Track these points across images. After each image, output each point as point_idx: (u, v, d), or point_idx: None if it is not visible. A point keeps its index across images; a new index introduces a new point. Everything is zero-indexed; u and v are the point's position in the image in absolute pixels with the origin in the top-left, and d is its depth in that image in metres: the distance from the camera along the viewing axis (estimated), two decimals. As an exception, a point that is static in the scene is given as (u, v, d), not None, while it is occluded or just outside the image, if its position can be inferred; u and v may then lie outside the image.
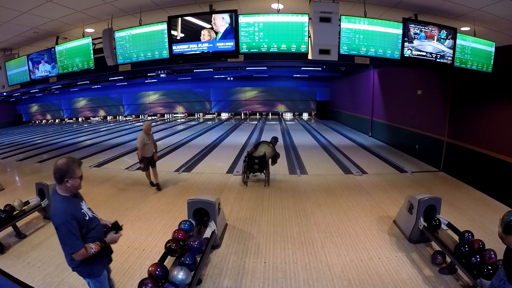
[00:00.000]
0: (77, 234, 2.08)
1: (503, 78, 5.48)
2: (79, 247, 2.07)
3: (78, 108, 25.52)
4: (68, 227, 2.04)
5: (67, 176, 2.11)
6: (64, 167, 2.11)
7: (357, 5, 4.72)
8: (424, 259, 3.62)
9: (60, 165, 2.11)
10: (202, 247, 3.11)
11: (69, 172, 2.11)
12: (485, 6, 4.18)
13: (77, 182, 2.18)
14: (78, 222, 2.10)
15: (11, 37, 5.93)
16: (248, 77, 20.70)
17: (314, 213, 4.97)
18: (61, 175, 2.10)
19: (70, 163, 2.14)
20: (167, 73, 14.67)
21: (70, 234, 2.05)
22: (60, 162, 2.13)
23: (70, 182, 2.12)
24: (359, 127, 14.34)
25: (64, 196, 2.16)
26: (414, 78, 8.82)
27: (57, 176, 2.11)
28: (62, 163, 2.12)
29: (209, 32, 4.62)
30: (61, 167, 2.10)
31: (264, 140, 6.83)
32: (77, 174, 2.15)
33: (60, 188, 2.16)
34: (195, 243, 3.06)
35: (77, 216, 2.12)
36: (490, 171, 5.82)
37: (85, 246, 2.10)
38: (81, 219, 2.15)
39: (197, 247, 3.05)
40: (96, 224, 2.29)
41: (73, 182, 2.14)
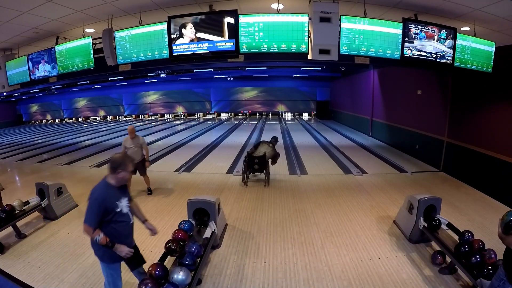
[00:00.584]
0: (98, 214, 2.28)
1: (503, 78, 5.48)
2: (89, 223, 2.27)
3: (78, 108, 25.53)
4: (93, 205, 2.29)
5: (120, 168, 2.37)
6: (120, 159, 2.40)
7: (357, 5, 4.72)
8: (424, 259, 3.62)
9: (116, 157, 2.43)
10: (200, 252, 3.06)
11: (123, 165, 2.38)
12: (485, 6, 4.18)
13: (127, 176, 2.44)
14: (105, 209, 2.31)
15: (11, 37, 5.93)
16: (248, 77, 20.70)
17: (314, 213, 4.97)
18: (115, 166, 2.37)
19: (125, 158, 2.46)
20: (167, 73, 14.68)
21: (91, 211, 2.28)
22: (117, 155, 2.48)
23: (121, 173, 2.39)
24: (359, 127, 14.34)
25: (109, 183, 2.41)
26: (414, 78, 8.82)
27: (112, 166, 2.39)
28: (118, 156, 2.45)
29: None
30: (117, 159, 2.41)
31: (264, 140, 6.83)
32: (128, 168, 2.42)
33: (110, 177, 2.41)
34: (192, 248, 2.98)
35: (107, 203, 2.33)
36: (490, 171, 5.82)
37: (96, 229, 2.27)
38: (110, 208, 2.34)
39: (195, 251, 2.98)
40: (124, 221, 2.45)
41: (124, 174, 2.40)
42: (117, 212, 2.37)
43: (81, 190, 6.10)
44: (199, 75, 18.86)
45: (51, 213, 4.87)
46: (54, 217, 4.87)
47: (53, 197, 4.84)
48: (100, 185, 2.40)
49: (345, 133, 13.96)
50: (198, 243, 3.14)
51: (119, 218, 2.40)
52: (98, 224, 2.29)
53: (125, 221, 2.45)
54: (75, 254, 3.79)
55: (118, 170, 2.37)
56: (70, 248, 3.96)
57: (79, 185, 6.48)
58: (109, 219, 2.34)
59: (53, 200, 4.85)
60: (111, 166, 2.38)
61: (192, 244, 3.04)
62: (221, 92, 23.21)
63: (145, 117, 24.56)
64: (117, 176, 2.38)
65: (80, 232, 4.42)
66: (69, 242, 4.13)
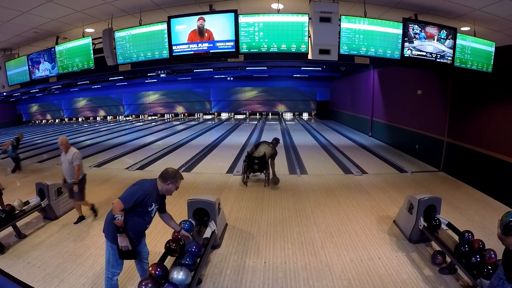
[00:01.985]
0: (136, 200, 2.49)
1: (503, 78, 5.48)
2: (125, 202, 2.46)
3: (78, 108, 25.53)
4: (138, 191, 2.53)
5: (170, 181, 2.62)
6: (173, 174, 2.64)
7: (357, 5, 4.72)
8: (424, 259, 3.62)
9: (171, 170, 2.67)
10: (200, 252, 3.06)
11: (174, 179, 2.63)
12: (485, 6, 4.18)
13: (173, 189, 2.68)
14: (143, 200, 2.53)
15: (11, 37, 5.93)
16: (248, 77, 20.70)
17: (314, 213, 4.97)
18: (167, 177, 2.62)
19: (178, 174, 2.68)
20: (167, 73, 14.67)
21: (133, 194, 2.50)
22: (171, 169, 2.69)
23: (170, 185, 2.63)
24: (359, 127, 14.34)
25: (156, 186, 2.64)
26: (414, 78, 8.82)
27: (164, 176, 2.63)
28: (173, 170, 2.68)
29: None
30: (171, 172, 2.65)
31: (264, 140, 6.83)
32: (177, 183, 2.68)
33: (159, 183, 2.64)
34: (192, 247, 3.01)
35: (147, 198, 2.56)
36: (490, 171, 5.82)
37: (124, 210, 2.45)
38: (145, 203, 2.56)
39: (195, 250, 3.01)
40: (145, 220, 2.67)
41: (171, 187, 2.64)
42: (148, 210, 2.61)
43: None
44: (199, 75, 18.86)
45: (51, 213, 4.87)
46: (54, 217, 4.87)
47: (53, 197, 4.84)
48: (151, 182, 2.64)
49: (345, 133, 13.96)
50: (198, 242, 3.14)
51: (145, 216, 2.63)
52: (130, 207, 2.47)
53: (145, 221, 2.67)
54: (75, 254, 3.80)
55: (168, 181, 2.61)
56: (70, 248, 3.96)
57: (79, 185, 6.46)
58: (139, 211, 2.56)
59: (53, 200, 4.86)
60: (164, 176, 2.62)
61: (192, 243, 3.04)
62: (221, 92, 23.21)
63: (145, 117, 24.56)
64: (165, 185, 2.62)
65: (80, 232, 4.43)
66: (69, 242, 4.13)
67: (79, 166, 4.54)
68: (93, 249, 3.90)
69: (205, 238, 3.49)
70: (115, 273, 2.71)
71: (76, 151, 4.57)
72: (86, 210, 4.97)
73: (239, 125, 18.10)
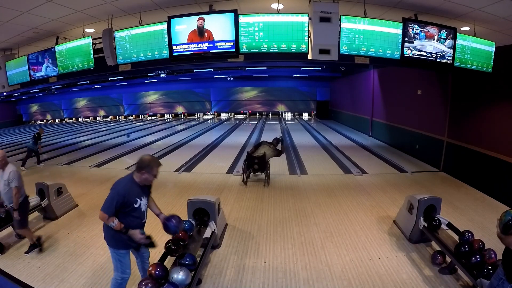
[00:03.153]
0: (115, 206, 2.38)
1: (503, 78, 5.48)
2: (105, 211, 2.36)
3: (78, 108, 25.53)
4: (113, 196, 2.39)
5: (145, 169, 2.46)
6: (146, 161, 2.48)
7: (357, 5, 4.72)
8: (424, 259, 3.62)
9: (145, 158, 2.50)
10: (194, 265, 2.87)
11: (149, 167, 2.47)
12: (485, 6, 4.18)
13: (150, 179, 2.52)
14: (123, 202, 2.42)
15: (11, 37, 5.93)
16: (248, 77, 20.70)
17: (314, 213, 4.97)
18: (141, 166, 2.46)
19: (153, 161, 2.51)
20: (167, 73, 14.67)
21: (110, 201, 2.38)
22: (146, 156, 2.52)
23: (146, 175, 2.48)
24: (359, 127, 14.34)
25: (133, 179, 2.51)
26: (414, 78, 8.82)
27: (138, 165, 2.48)
28: (147, 158, 2.51)
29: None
30: (145, 160, 2.48)
31: (264, 141, 6.82)
32: (153, 171, 2.50)
33: (135, 175, 2.51)
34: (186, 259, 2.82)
35: (127, 198, 2.43)
36: (490, 171, 5.82)
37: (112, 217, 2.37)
38: (129, 202, 2.45)
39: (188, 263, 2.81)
40: (139, 217, 2.57)
41: (147, 176, 2.49)
42: (135, 207, 2.50)
43: (81, 190, 6.12)
44: (199, 75, 18.87)
45: (51, 213, 4.87)
46: (54, 217, 4.87)
47: (53, 197, 4.84)
48: (126, 179, 2.52)
49: (345, 133, 13.96)
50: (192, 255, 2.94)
51: (135, 213, 2.53)
52: (113, 213, 2.39)
53: (139, 217, 2.58)
54: (75, 254, 3.79)
55: (142, 171, 2.46)
56: (70, 248, 3.96)
57: (79, 185, 6.48)
58: (126, 212, 2.47)
59: (53, 200, 4.86)
60: (138, 165, 2.48)
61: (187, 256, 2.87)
62: (221, 92, 23.21)
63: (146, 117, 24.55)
64: (141, 176, 2.48)
65: (80, 232, 4.43)
66: (69, 242, 4.13)
67: (18, 188, 3.64)
68: (93, 249, 3.90)
69: (205, 238, 3.49)
70: (125, 278, 2.67)
71: (13, 170, 3.66)
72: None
73: (239, 125, 18.10)
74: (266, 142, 6.73)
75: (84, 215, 5.02)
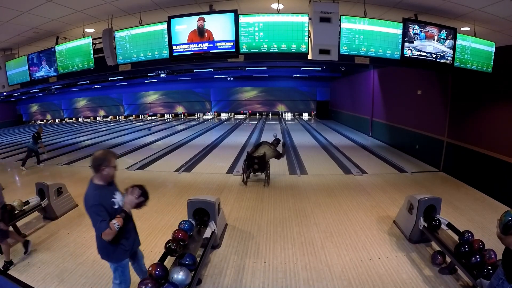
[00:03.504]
0: (103, 216, 2.24)
1: (503, 78, 5.48)
2: (104, 228, 2.21)
3: (78, 108, 25.53)
4: (95, 210, 2.23)
5: (103, 165, 2.31)
6: (102, 156, 2.33)
7: (357, 5, 4.72)
8: (424, 259, 3.62)
9: (98, 154, 2.34)
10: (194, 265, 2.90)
11: (106, 161, 2.32)
12: (485, 6, 4.18)
13: (112, 172, 2.37)
14: (105, 209, 2.27)
15: (11, 37, 5.93)
16: (248, 77, 20.71)
17: (314, 213, 4.97)
18: (98, 164, 2.30)
19: (107, 153, 2.37)
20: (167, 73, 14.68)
21: (97, 216, 2.22)
22: (98, 152, 2.36)
23: (106, 170, 2.32)
24: (359, 127, 14.34)
25: (98, 184, 2.35)
26: (414, 78, 8.82)
27: (95, 165, 2.31)
28: (100, 153, 2.35)
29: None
30: (99, 156, 2.32)
31: (265, 141, 6.82)
32: (112, 163, 2.35)
33: (96, 177, 2.35)
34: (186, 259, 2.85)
35: (105, 204, 2.29)
36: (490, 171, 5.82)
37: (110, 224, 2.23)
38: (109, 207, 2.31)
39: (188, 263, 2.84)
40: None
41: (109, 170, 2.34)
42: (116, 209, 2.36)
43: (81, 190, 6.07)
44: (199, 75, 18.87)
45: (51, 213, 4.87)
46: (54, 217, 4.87)
47: (53, 197, 4.84)
48: (90, 190, 2.34)
49: (345, 133, 13.96)
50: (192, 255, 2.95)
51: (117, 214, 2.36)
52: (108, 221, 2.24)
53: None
54: (75, 254, 3.79)
55: (101, 167, 2.31)
56: (70, 248, 3.96)
57: (79, 185, 6.46)
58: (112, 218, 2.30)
59: (53, 200, 4.86)
60: (94, 165, 2.32)
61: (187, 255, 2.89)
62: (221, 92, 23.21)
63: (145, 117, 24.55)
64: (102, 173, 2.33)
65: (80, 232, 4.43)
66: (69, 242, 4.13)
67: None
68: (93, 249, 3.86)
69: (205, 238, 3.50)
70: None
71: None
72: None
73: (239, 125, 18.10)
74: (267, 142, 6.72)
75: (84, 215, 4.98)
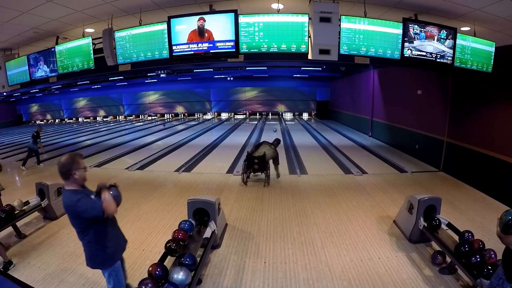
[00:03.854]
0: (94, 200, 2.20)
1: (503, 78, 5.48)
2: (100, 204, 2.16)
3: (78, 108, 25.54)
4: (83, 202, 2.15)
5: (73, 168, 2.21)
6: (69, 160, 2.22)
7: (357, 5, 4.72)
8: (424, 259, 3.62)
9: (64, 160, 2.23)
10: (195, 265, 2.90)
11: (75, 164, 2.23)
12: (485, 6, 4.18)
13: (83, 174, 2.28)
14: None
15: (11, 37, 5.93)
16: (248, 77, 20.71)
17: (314, 213, 4.97)
18: (67, 169, 2.20)
19: (73, 156, 2.27)
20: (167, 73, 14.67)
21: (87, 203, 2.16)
22: (64, 157, 2.25)
23: (77, 173, 2.23)
24: (359, 127, 14.34)
25: (72, 190, 2.25)
26: (414, 78, 8.82)
27: (64, 171, 2.20)
28: (66, 158, 2.24)
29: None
30: (66, 161, 2.22)
31: (265, 141, 6.81)
32: (81, 164, 2.27)
33: (68, 184, 2.25)
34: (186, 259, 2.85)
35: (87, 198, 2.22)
36: (490, 171, 5.82)
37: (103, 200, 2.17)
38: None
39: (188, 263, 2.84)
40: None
41: (80, 173, 2.24)
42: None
43: (81, 190, 6.10)
44: (199, 75, 18.87)
45: (51, 213, 4.87)
46: (54, 217, 4.87)
47: (53, 197, 4.84)
48: (68, 196, 2.20)
49: (345, 133, 13.96)
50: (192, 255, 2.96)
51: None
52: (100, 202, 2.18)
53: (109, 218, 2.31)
54: (75, 254, 3.79)
55: (72, 171, 2.20)
56: (70, 248, 3.96)
57: (79, 185, 6.46)
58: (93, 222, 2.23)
59: (53, 200, 4.85)
60: (63, 171, 2.19)
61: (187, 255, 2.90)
62: (221, 92, 23.21)
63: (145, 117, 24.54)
64: (74, 177, 2.22)
65: (80, 232, 4.42)
66: (69, 242, 4.13)
67: None
68: (93, 249, 3.89)
69: (205, 238, 3.50)
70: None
71: None
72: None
73: (239, 125, 18.10)
74: (267, 142, 6.72)
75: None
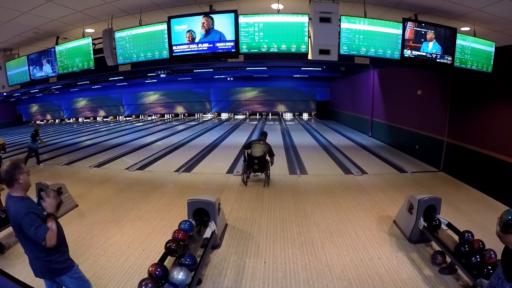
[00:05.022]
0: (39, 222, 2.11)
1: (503, 78, 5.48)
2: (45, 232, 2.09)
3: (78, 108, 25.54)
4: (29, 219, 2.08)
5: (17, 173, 2.17)
6: (11, 166, 2.19)
7: (357, 5, 4.72)
8: (424, 259, 3.62)
9: (7, 166, 2.19)
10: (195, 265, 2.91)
11: (18, 168, 2.19)
12: (485, 6, 4.18)
13: (27, 178, 2.24)
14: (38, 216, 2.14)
15: (11, 37, 5.93)
16: (248, 77, 20.71)
17: (314, 213, 4.97)
18: (11, 175, 2.16)
19: (15, 161, 2.24)
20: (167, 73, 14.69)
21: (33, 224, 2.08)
22: (5, 165, 2.21)
23: (21, 177, 2.19)
24: (359, 127, 14.34)
25: (19, 196, 2.21)
26: (414, 78, 8.82)
27: (8, 177, 2.16)
28: (8, 164, 2.21)
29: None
30: (9, 167, 2.18)
31: (253, 140, 6.70)
32: (24, 169, 2.23)
33: (13, 191, 2.20)
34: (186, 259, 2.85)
35: (36, 211, 2.17)
36: (490, 171, 5.82)
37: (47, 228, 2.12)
38: (41, 213, 2.18)
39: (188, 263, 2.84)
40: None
41: (24, 177, 2.21)
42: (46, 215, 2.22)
43: (81, 190, 6.11)
44: (199, 75, 18.87)
45: (51, 213, 4.86)
46: (54, 217, 4.87)
47: (53, 197, 4.84)
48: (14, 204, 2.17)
49: (345, 133, 13.96)
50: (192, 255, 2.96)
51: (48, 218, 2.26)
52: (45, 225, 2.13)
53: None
54: (75, 254, 3.77)
55: (16, 176, 2.16)
56: (70, 248, 3.92)
57: (79, 185, 6.47)
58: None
59: (53, 200, 4.85)
60: (8, 178, 2.15)
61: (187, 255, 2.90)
62: (221, 92, 23.22)
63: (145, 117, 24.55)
64: (19, 182, 2.17)
65: (80, 232, 4.42)
66: (69, 242, 4.08)
67: None
68: (93, 249, 3.90)
69: (205, 238, 3.50)
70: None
71: None
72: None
73: (239, 125, 18.10)
74: (256, 141, 6.60)
75: (84, 215, 5.02)
